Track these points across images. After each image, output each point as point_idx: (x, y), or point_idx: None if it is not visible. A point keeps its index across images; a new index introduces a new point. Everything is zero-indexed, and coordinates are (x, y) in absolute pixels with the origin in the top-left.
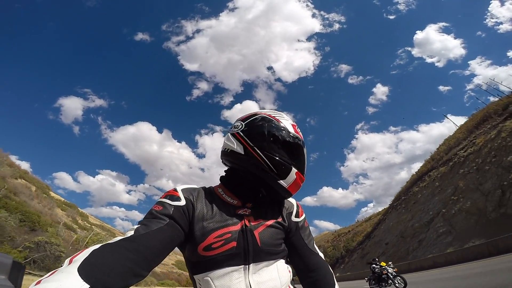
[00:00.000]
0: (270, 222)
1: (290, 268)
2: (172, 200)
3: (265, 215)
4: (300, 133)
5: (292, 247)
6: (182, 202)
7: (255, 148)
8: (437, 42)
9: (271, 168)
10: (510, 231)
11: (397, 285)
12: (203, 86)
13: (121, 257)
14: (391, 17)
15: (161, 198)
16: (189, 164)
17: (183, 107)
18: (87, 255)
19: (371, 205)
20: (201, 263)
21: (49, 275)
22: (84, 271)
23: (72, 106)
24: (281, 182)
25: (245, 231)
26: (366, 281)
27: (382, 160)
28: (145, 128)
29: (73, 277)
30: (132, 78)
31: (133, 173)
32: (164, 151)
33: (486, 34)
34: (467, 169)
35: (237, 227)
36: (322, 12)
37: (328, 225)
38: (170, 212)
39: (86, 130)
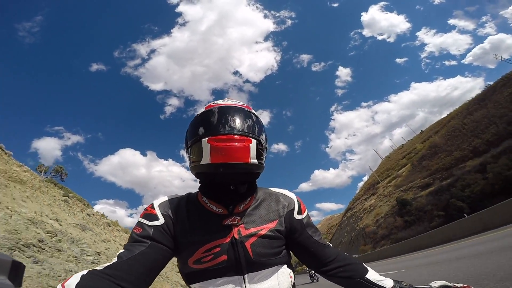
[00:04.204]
0: (264, 231)
1: (292, 274)
2: (150, 220)
3: (258, 223)
4: (220, 101)
5: (302, 247)
6: (161, 221)
7: (186, 151)
8: (383, 20)
9: (195, 158)
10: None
11: (316, 278)
12: (174, 102)
13: (110, 284)
14: (335, 4)
15: (140, 217)
16: (181, 178)
17: (160, 126)
18: (79, 279)
19: (365, 178)
20: (194, 273)
21: None
22: None
23: (49, 147)
24: (203, 161)
25: (235, 244)
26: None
27: (363, 134)
28: (128, 154)
29: None
30: (101, 109)
31: (130, 197)
32: (153, 172)
33: (424, 7)
34: (351, 220)
35: (226, 239)
36: (272, 12)
37: (331, 206)
38: (150, 234)
39: (69, 168)
